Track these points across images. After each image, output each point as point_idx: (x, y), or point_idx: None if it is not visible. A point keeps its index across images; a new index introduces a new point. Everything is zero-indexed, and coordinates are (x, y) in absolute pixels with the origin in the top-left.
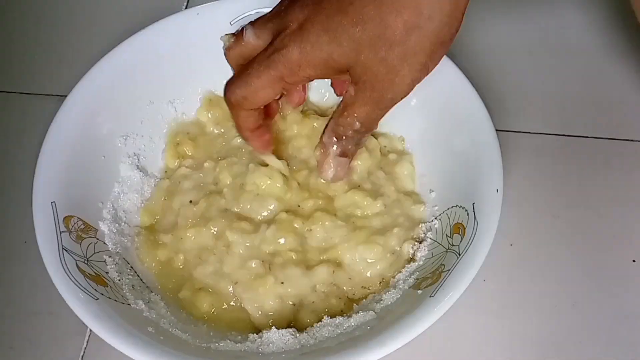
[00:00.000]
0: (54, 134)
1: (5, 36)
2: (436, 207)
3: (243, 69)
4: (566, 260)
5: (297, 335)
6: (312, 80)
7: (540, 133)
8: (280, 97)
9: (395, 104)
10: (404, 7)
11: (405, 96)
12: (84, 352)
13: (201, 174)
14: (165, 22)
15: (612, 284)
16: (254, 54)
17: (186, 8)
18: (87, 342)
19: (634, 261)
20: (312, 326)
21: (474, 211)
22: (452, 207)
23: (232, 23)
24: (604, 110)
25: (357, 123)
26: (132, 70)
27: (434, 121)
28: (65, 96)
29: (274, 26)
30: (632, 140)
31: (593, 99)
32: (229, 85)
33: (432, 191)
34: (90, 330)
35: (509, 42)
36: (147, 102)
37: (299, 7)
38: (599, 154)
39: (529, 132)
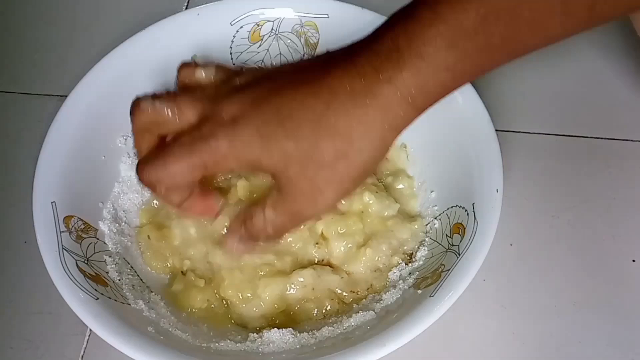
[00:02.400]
0: (54, 133)
1: (6, 36)
2: (436, 207)
3: (159, 149)
4: (566, 260)
5: (298, 335)
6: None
7: (539, 133)
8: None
9: (309, 220)
10: (338, 134)
11: (321, 214)
12: (84, 352)
13: None
14: (166, 23)
15: (612, 284)
16: (168, 129)
17: (186, 9)
18: (87, 342)
19: (633, 261)
20: (312, 326)
21: (473, 211)
22: (452, 207)
23: (232, 23)
24: (603, 110)
25: (269, 229)
26: (132, 70)
27: (433, 121)
28: (66, 96)
29: (203, 108)
30: (631, 140)
31: (593, 99)
32: (142, 164)
33: (432, 191)
34: (90, 330)
35: None
36: None
37: (236, 101)
38: (598, 154)
39: (529, 132)
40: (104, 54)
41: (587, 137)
